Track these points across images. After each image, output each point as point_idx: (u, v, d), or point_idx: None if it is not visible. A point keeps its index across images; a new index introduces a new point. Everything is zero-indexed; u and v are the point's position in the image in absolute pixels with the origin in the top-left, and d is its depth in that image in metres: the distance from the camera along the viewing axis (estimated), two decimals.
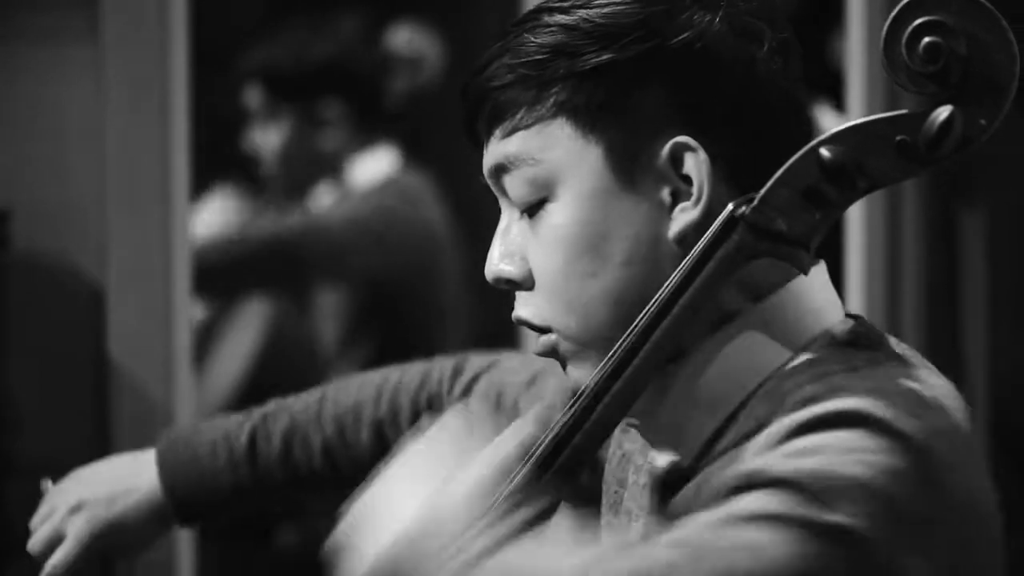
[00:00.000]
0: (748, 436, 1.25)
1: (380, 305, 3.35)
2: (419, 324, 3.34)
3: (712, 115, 1.29)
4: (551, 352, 1.35)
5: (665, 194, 1.30)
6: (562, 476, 1.29)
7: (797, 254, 1.24)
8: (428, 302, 3.34)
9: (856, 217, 2.81)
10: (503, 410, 1.62)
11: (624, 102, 1.29)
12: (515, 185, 1.32)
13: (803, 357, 1.29)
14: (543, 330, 1.34)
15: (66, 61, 2.50)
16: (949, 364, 3.18)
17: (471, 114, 1.35)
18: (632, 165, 1.29)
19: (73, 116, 2.50)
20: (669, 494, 1.33)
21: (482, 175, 1.36)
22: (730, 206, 1.25)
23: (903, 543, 1.15)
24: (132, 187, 2.48)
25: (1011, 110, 1.23)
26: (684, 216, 1.29)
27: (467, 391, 1.66)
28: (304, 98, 3.37)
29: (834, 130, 1.24)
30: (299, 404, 1.70)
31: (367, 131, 3.40)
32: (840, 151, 1.23)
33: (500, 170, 1.33)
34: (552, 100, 1.30)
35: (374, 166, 3.41)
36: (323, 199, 3.44)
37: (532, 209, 1.33)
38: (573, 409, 1.28)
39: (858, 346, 1.30)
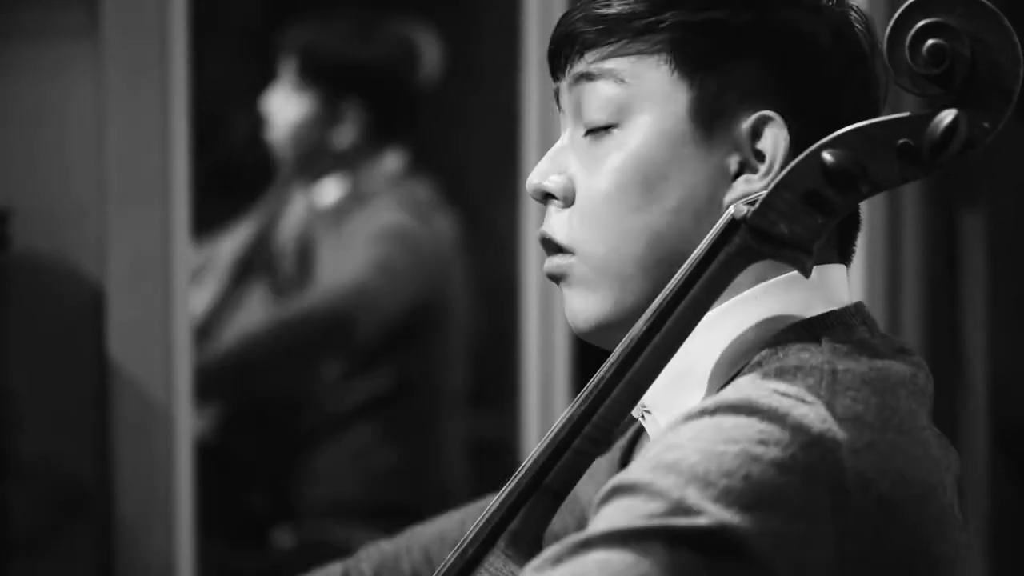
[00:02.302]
0: None
1: (392, 336, 3.34)
2: (431, 340, 3.34)
3: (803, 104, 1.30)
4: (560, 276, 1.35)
5: (734, 161, 1.31)
6: (561, 480, 1.29)
7: (798, 257, 1.24)
8: (440, 321, 3.34)
9: None
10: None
11: (725, 62, 1.30)
12: (593, 98, 1.33)
13: (776, 342, 1.29)
14: (563, 250, 1.34)
15: (66, 59, 2.49)
16: (949, 364, 3.18)
17: (567, 34, 1.35)
18: (714, 121, 1.31)
19: (73, 115, 2.49)
20: None
21: (556, 92, 1.37)
22: (731, 209, 1.26)
23: (787, 537, 1.13)
24: (132, 187, 2.48)
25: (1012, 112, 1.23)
26: (745, 187, 1.30)
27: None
28: (332, 89, 3.38)
29: (836, 133, 1.23)
30: (387, 541, 1.67)
31: (379, 137, 3.40)
32: (843, 155, 1.23)
33: (584, 77, 1.34)
34: (657, 38, 1.31)
35: (385, 170, 3.41)
36: (329, 193, 3.43)
37: (597, 131, 1.33)
38: (571, 414, 1.28)
39: (822, 328, 1.29)
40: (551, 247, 1.36)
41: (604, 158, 1.33)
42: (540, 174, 1.36)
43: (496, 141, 3.45)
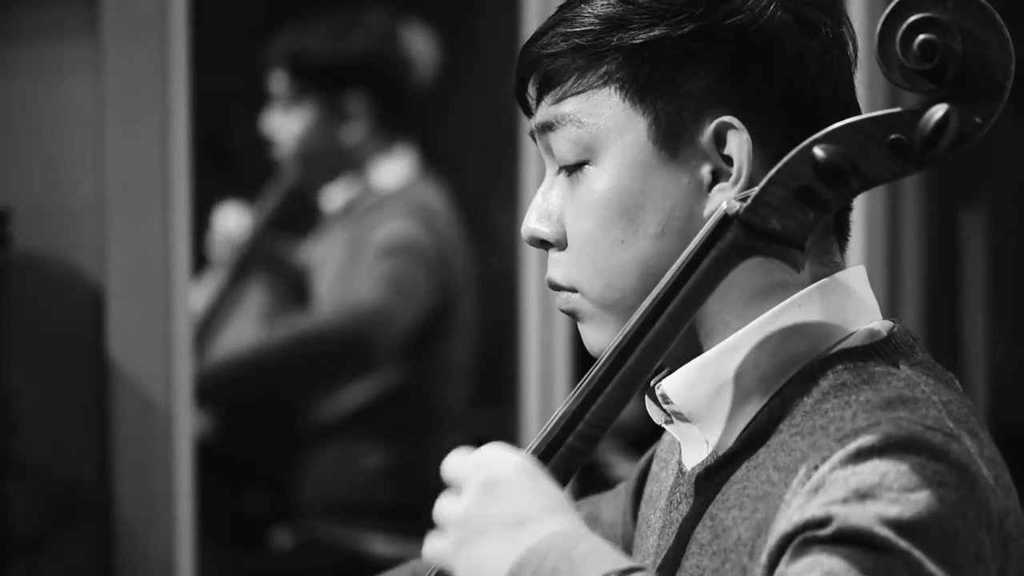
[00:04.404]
0: (777, 420, 1.26)
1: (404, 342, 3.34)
2: (436, 346, 3.34)
3: (759, 99, 1.30)
4: (571, 312, 1.36)
5: (705, 172, 1.31)
6: (555, 478, 1.28)
7: (790, 253, 1.24)
8: (445, 327, 3.33)
9: (856, 217, 2.81)
10: None
11: (674, 77, 1.30)
12: (559, 143, 1.34)
13: (838, 349, 1.29)
14: (569, 290, 1.36)
15: (66, 59, 2.50)
16: (949, 364, 3.19)
17: (523, 79, 1.36)
18: (676, 140, 1.31)
19: (73, 115, 2.49)
20: (705, 487, 1.33)
21: (531, 133, 1.38)
22: (724, 205, 1.25)
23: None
24: (132, 187, 2.48)
25: (1010, 109, 1.23)
26: (721, 196, 1.30)
27: None
28: (330, 89, 3.37)
29: (828, 129, 1.23)
30: None
31: (389, 130, 3.39)
32: (834, 150, 1.22)
33: (547, 128, 1.35)
34: (603, 70, 1.31)
35: (394, 169, 3.40)
36: (339, 196, 3.43)
37: (571, 169, 1.34)
38: (564, 411, 1.28)
39: (893, 351, 1.29)
40: (557, 288, 1.37)
41: (583, 196, 1.33)
42: (532, 221, 1.37)
43: (496, 141, 3.45)
